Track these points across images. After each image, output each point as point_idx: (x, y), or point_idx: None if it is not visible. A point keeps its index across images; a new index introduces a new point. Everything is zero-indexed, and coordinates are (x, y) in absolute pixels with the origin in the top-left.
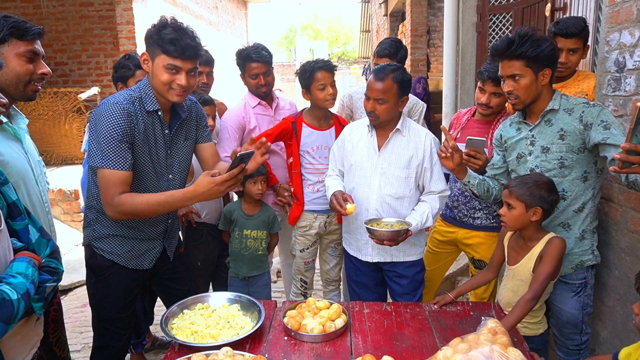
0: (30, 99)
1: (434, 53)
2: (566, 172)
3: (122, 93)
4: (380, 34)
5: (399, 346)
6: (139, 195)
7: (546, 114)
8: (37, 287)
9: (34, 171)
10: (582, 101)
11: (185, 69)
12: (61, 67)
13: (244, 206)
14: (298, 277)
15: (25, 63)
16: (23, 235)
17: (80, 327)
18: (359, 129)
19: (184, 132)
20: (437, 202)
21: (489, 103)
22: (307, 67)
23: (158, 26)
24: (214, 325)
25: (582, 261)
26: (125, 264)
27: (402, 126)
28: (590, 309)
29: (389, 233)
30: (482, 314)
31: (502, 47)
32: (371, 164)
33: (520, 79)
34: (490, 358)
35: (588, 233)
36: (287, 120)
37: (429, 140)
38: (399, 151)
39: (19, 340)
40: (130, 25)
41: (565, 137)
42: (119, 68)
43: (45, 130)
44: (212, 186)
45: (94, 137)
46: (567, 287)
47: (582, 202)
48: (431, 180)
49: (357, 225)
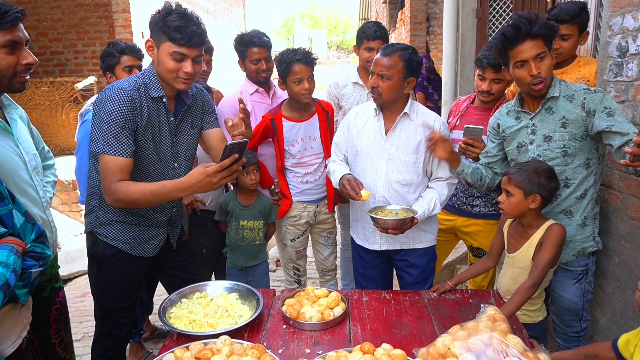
0: (19, 90)
1: (434, 40)
2: (569, 160)
3: (127, 79)
4: (380, 22)
5: (398, 334)
6: (135, 183)
7: (546, 102)
8: (22, 273)
9: (27, 165)
10: (582, 87)
11: (191, 56)
12: (57, 56)
13: (239, 197)
14: (290, 266)
15: (6, 55)
16: (7, 220)
17: (80, 316)
18: (365, 113)
19: (190, 119)
20: (445, 189)
21: (490, 90)
22: (284, 57)
23: (163, 13)
24: (212, 314)
25: (584, 248)
26: (129, 250)
27: (410, 110)
28: (590, 295)
29: (394, 222)
30: (482, 302)
31: (525, 26)
32: (378, 149)
33: (546, 58)
34: (489, 345)
35: (589, 219)
36: (266, 118)
37: (438, 124)
38: (407, 136)
39: (6, 326)
40: (126, 14)
41: (568, 125)
42: (105, 57)
43: (42, 121)
44: (204, 177)
45: (97, 122)
46: (568, 274)
47: (584, 188)
48: (439, 166)
49: (363, 213)
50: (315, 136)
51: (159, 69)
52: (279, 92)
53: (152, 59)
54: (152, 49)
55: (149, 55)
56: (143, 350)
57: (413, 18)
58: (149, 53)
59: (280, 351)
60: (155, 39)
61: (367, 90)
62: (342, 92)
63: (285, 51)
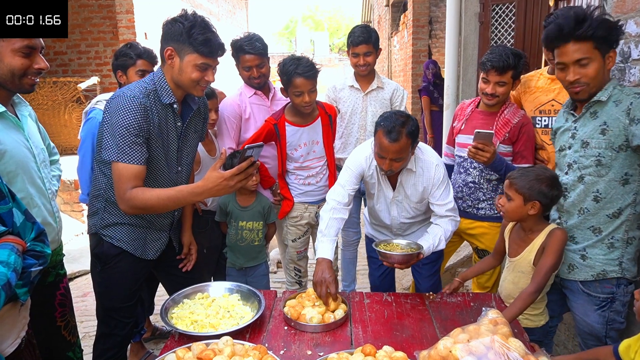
0: (28, 91)
1: (436, 44)
2: (603, 171)
3: (136, 86)
4: (382, 25)
5: (399, 336)
6: (150, 190)
7: (592, 105)
8: (22, 272)
9: (36, 158)
10: (636, 90)
11: (214, 65)
12: (60, 56)
13: (238, 198)
14: (292, 267)
15: (20, 58)
16: (7, 219)
17: (81, 316)
18: (371, 167)
19: (194, 125)
20: (450, 225)
21: (494, 93)
22: (286, 69)
23: (188, 25)
24: (214, 315)
25: (605, 271)
26: (133, 251)
27: (412, 164)
28: (619, 325)
29: (401, 257)
30: (483, 305)
31: (569, 27)
32: (388, 198)
33: (590, 64)
34: (491, 348)
35: (620, 242)
36: (269, 123)
37: (439, 173)
38: (413, 187)
39: (6, 325)
40: (129, 15)
41: (607, 132)
42: (120, 56)
43: (45, 120)
44: (221, 181)
45: (109, 130)
46: (589, 299)
47: (618, 207)
48: (438, 197)
49: (380, 221)
50: (318, 140)
51: (179, 78)
52: (278, 94)
53: (164, 66)
54: (172, 58)
55: (168, 63)
56: (144, 350)
57: (415, 21)
58: (167, 61)
59: (282, 352)
60: (177, 49)
61: (362, 93)
62: (339, 95)
63: (287, 61)
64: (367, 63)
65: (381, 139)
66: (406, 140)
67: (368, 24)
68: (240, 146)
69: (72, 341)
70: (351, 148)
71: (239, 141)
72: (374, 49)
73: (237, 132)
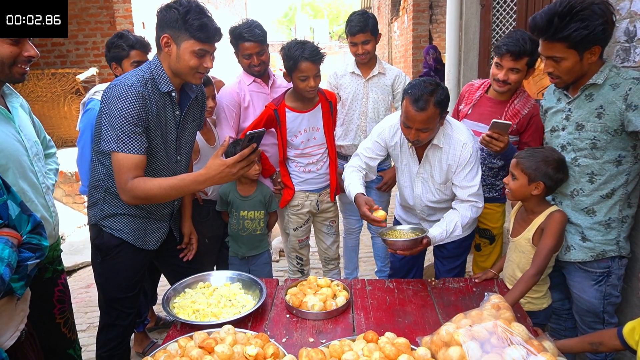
0: (18, 81)
1: (437, 29)
2: (598, 154)
3: (133, 74)
4: (382, 11)
5: (402, 322)
6: (151, 179)
7: (587, 88)
8: (18, 265)
9: (28, 152)
10: (634, 75)
11: (211, 51)
12: (58, 47)
13: (238, 187)
14: (293, 255)
15: (9, 46)
16: (2, 211)
17: (85, 307)
18: (394, 137)
19: (192, 113)
20: (469, 211)
21: (507, 79)
22: (291, 54)
23: (182, 11)
24: (216, 304)
25: (604, 251)
26: (133, 242)
27: (439, 140)
28: (615, 299)
29: (402, 243)
30: (485, 290)
31: (540, 27)
32: (413, 172)
33: (562, 61)
34: (493, 333)
35: (616, 222)
36: (269, 108)
37: (466, 153)
38: (438, 164)
39: (3, 319)
40: (127, 4)
41: (603, 116)
42: (112, 47)
43: (44, 112)
44: (224, 168)
45: (107, 120)
46: (586, 275)
47: (611, 187)
48: (462, 178)
49: (404, 200)
50: (319, 127)
51: (177, 65)
52: (278, 81)
53: (160, 54)
54: (168, 45)
55: (164, 51)
56: (147, 340)
57: (416, 6)
58: (164, 49)
59: (284, 340)
60: (173, 36)
61: (363, 79)
62: (341, 81)
63: (292, 45)
64: (366, 51)
65: (408, 107)
66: (434, 110)
67: (367, 9)
68: (240, 135)
69: (72, 338)
70: (352, 135)
71: (238, 130)
72: (373, 37)
73: (237, 120)
